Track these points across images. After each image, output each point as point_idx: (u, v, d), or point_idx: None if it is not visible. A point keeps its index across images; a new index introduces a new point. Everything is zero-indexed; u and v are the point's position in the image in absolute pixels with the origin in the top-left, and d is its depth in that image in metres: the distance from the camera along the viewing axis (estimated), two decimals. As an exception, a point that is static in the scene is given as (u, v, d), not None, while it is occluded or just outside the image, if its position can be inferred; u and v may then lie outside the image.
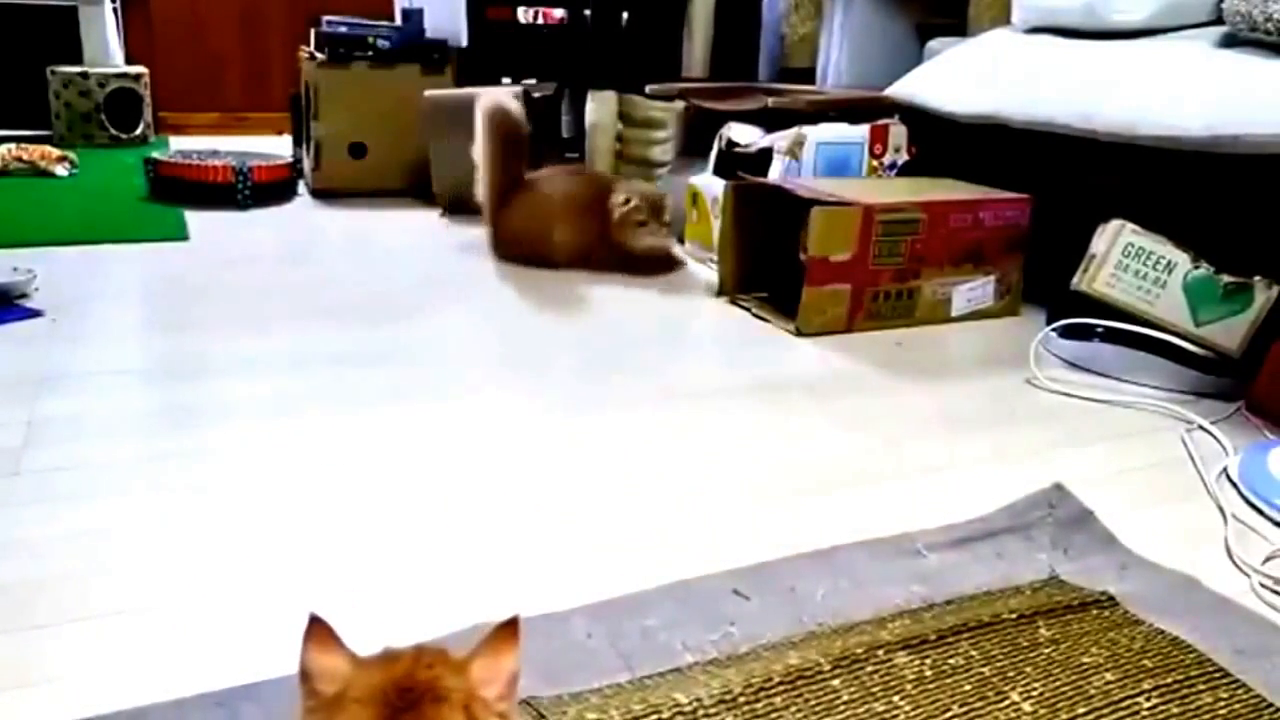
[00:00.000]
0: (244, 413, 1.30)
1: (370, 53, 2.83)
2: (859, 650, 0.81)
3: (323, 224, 2.57)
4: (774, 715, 0.73)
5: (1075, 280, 1.60)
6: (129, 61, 3.83)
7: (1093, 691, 0.77)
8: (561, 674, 0.77)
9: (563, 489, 1.13)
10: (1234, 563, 1.01)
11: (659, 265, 2.16)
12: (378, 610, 0.88)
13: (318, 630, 0.51)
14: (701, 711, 0.73)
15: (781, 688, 0.76)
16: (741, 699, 0.74)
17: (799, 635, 0.84)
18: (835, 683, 0.77)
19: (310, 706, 0.50)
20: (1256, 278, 1.49)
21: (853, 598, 0.90)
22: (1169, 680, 0.79)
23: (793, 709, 0.74)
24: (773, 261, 1.89)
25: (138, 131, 3.63)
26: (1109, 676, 0.79)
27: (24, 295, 1.76)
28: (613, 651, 0.80)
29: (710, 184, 2.17)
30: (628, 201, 2.08)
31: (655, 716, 0.72)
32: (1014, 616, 0.87)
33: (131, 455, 1.16)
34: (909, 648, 0.81)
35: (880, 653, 0.81)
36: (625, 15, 3.20)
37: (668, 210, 2.13)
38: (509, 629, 0.53)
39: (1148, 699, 0.77)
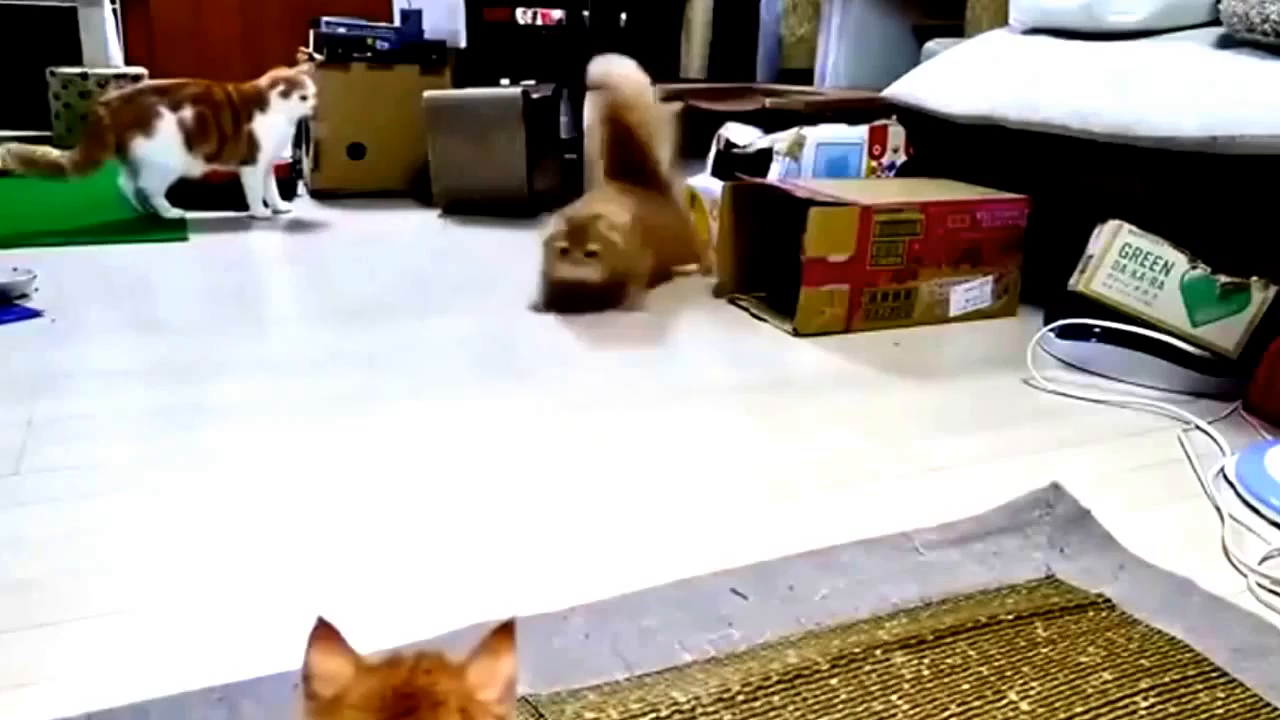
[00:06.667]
0: (243, 412, 1.31)
1: (369, 53, 2.84)
2: (857, 650, 0.81)
3: (322, 224, 2.58)
4: (772, 714, 0.73)
5: (1072, 281, 1.61)
6: (128, 62, 3.83)
7: (1090, 691, 0.78)
8: (560, 673, 0.77)
9: (561, 488, 1.13)
10: (1231, 563, 1.01)
11: (599, 300, 1.84)
12: (376, 609, 0.88)
13: (323, 632, 0.52)
14: (700, 710, 0.73)
15: (780, 686, 0.76)
16: (740, 697, 0.74)
17: (797, 635, 0.84)
18: (833, 681, 0.77)
19: (309, 708, 0.50)
20: (1253, 278, 1.49)
21: (850, 597, 0.90)
22: (1166, 680, 0.79)
23: (790, 708, 0.74)
24: (771, 262, 1.90)
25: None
26: (1106, 676, 0.79)
27: (24, 295, 1.76)
28: (611, 650, 0.81)
29: (708, 185, 2.17)
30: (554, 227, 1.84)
31: (653, 715, 0.72)
32: (1011, 617, 0.87)
33: (131, 455, 1.17)
34: (907, 647, 0.82)
35: (878, 652, 0.81)
36: (623, 16, 3.21)
37: (595, 239, 1.79)
38: (505, 632, 0.53)
39: (1145, 698, 0.77)
